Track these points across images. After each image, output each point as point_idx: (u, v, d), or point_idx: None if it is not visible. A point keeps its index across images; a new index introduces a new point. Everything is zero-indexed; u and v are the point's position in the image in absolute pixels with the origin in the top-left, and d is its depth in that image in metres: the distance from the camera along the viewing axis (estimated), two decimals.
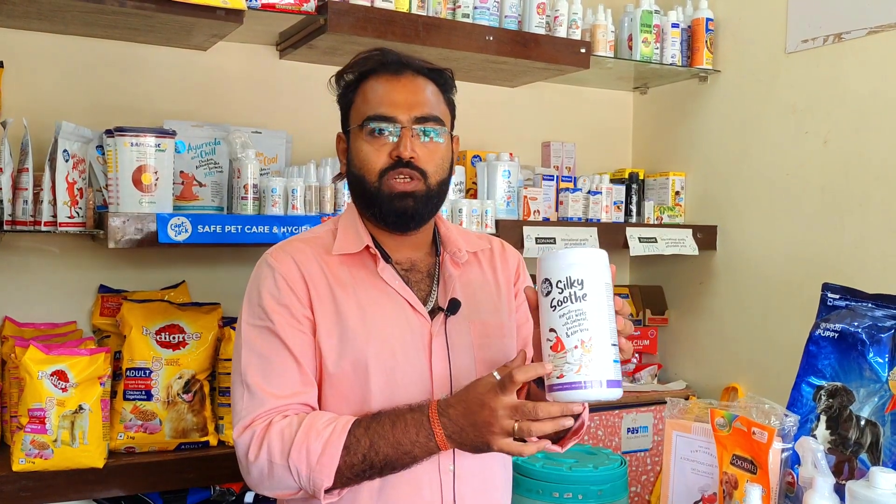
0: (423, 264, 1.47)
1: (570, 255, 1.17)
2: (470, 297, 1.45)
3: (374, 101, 1.38)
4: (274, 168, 2.28)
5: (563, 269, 1.16)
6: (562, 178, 2.71)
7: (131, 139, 1.88)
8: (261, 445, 1.28)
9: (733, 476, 1.32)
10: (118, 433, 1.96)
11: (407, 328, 1.39)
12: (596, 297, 1.15)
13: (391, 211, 1.38)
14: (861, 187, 2.28)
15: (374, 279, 1.40)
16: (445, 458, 1.37)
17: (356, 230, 1.43)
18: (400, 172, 1.36)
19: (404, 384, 1.37)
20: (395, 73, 1.40)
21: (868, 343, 1.36)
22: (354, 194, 1.43)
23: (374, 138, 1.37)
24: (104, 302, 2.18)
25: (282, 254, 1.40)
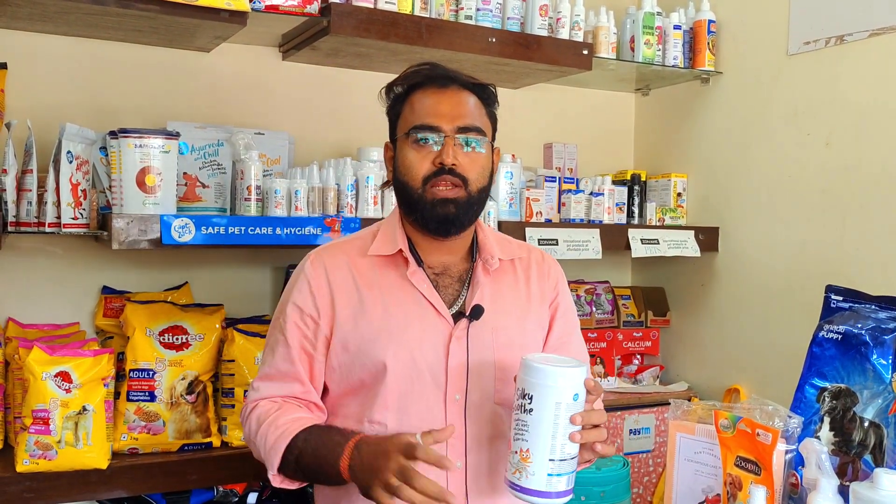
0: (455, 269, 1.52)
1: (530, 368, 1.25)
2: (498, 304, 1.50)
3: (421, 111, 1.45)
4: (277, 169, 2.28)
5: (522, 379, 1.26)
6: (564, 179, 2.71)
7: (135, 141, 1.88)
8: (246, 420, 1.47)
9: (737, 477, 1.33)
10: (121, 434, 1.97)
11: (429, 330, 1.44)
12: (541, 415, 1.23)
13: (433, 216, 1.43)
14: (862, 189, 2.29)
15: (403, 281, 1.46)
16: (454, 455, 1.40)
17: (394, 233, 1.50)
18: (443, 180, 1.43)
19: (419, 384, 1.42)
20: (441, 86, 1.47)
21: (872, 345, 1.36)
22: (399, 200, 1.50)
23: (419, 146, 1.44)
24: (107, 303, 2.18)
25: (317, 258, 1.50)
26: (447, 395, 1.43)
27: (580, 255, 2.47)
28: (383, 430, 1.41)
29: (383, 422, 1.42)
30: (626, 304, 2.98)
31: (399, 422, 1.42)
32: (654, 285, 3.05)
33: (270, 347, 1.51)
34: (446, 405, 1.43)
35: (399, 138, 1.48)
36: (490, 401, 1.46)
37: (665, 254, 2.63)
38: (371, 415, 1.43)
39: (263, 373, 1.50)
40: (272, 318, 1.55)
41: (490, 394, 1.46)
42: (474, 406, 1.45)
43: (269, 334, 1.53)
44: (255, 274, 2.39)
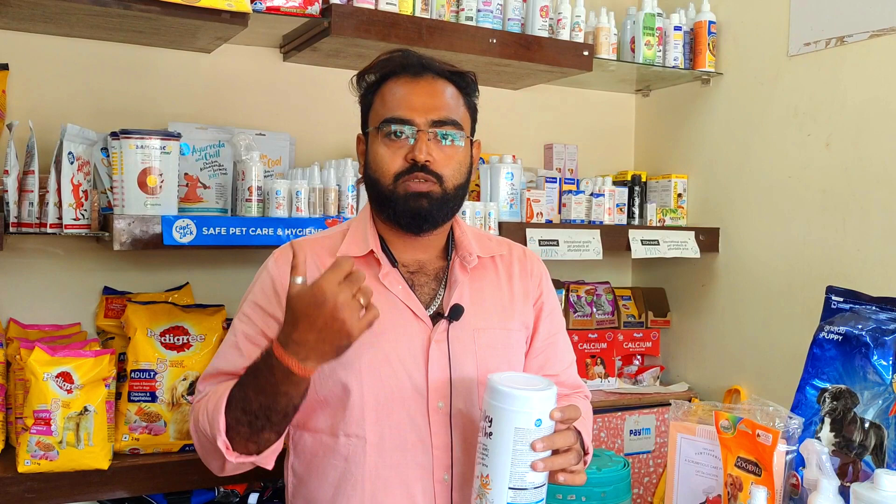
0: (431, 267, 1.45)
1: (491, 390, 1.20)
2: (478, 303, 1.43)
3: (392, 103, 1.38)
4: (278, 170, 2.29)
5: (485, 400, 1.21)
6: (564, 180, 2.71)
7: (136, 141, 1.89)
8: (189, 422, 1.45)
9: (738, 478, 1.33)
10: (123, 434, 1.97)
11: (404, 334, 1.37)
12: (500, 440, 1.18)
13: (405, 211, 1.37)
14: (863, 190, 2.29)
15: (376, 283, 1.38)
16: (440, 467, 1.36)
17: (364, 233, 1.43)
18: (415, 177, 1.36)
19: (399, 393, 1.35)
20: (414, 75, 1.39)
21: (872, 346, 1.36)
22: (371, 196, 1.44)
23: (390, 141, 1.37)
24: (108, 303, 2.18)
25: (282, 256, 1.43)
26: (429, 404, 1.36)
27: (581, 256, 2.47)
28: (362, 445, 1.34)
29: (361, 435, 1.35)
30: (626, 304, 2.98)
31: (380, 434, 1.35)
32: (655, 286, 3.05)
33: (221, 349, 1.44)
34: (429, 414, 1.36)
35: (370, 131, 1.41)
36: (475, 407, 1.39)
37: (665, 255, 2.63)
38: (347, 428, 1.35)
39: (207, 373, 1.41)
40: None
41: (474, 399, 1.39)
42: (459, 414, 1.37)
43: (231, 328, 1.45)
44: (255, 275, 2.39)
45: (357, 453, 1.36)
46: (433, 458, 1.36)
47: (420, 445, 1.36)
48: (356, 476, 1.36)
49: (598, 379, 2.79)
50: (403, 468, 1.35)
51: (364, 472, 1.35)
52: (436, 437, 1.36)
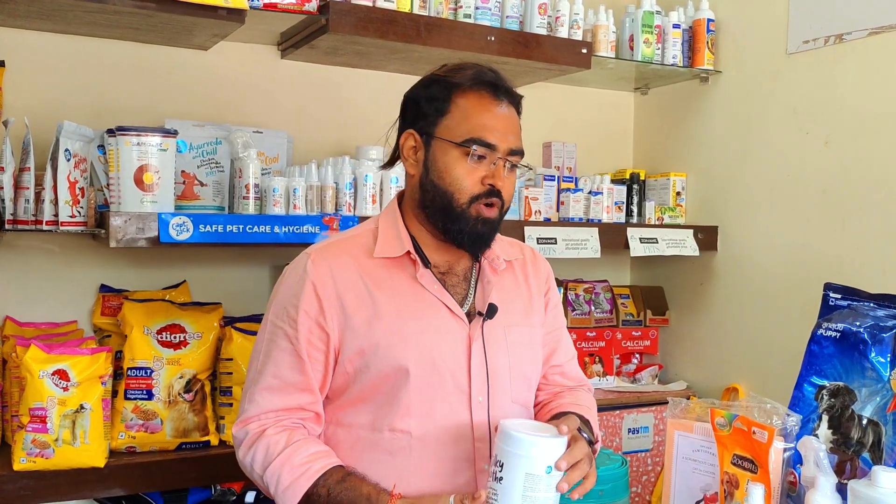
0: (460, 268, 1.50)
1: (503, 434, 1.20)
2: (505, 302, 1.48)
3: (478, 123, 1.39)
4: (275, 168, 2.28)
5: (496, 444, 1.22)
6: (563, 178, 2.71)
7: (133, 138, 1.88)
8: (249, 449, 1.38)
9: (734, 476, 1.32)
10: (119, 433, 1.96)
11: (446, 333, 1.42)
12: (511, 485, 1.18)
13: (473, 234, 1.41)
14: (861, 188, 2.28)
15: (413, 283, 1.43)
16: (480, 458, 1.41)
17: (397, 233, 1.45)
18: (491, 201, 1.41)
19: (442, 389, 1.40)
20: (496, 97, 1.42)
21: (870, 343, 1.36)
22: (429, 204, 1.43)
23: (471, 160, 1.39)
24: (105, 301, 2.18)
25: (320, 258, 1.42)
26: (472, 398, 1.42)
27: (579, 254, 2.47)
28: (407, 439, 1.38)
29: (406, 429, 1.39)
30: (624, 303, 2.97)
31: (423, 428, 1.39)
32: (653, 284, 3.05)
33: (267, 354, 1.42)
34: (471, 408, 1.42)
35: (443, 139, 1.41)
36: (509, 400, 1.47)
37: (664, 253, 2.63)
38: (392, 422, 1.39)
39: (266, 383, 1.40)
40: (264, 320, 1.47)
41: (509, 392, 1.47)
42: (497, 407, 1.43)
43: (265, 340, 1.44)
44: (253, 272, 2.39)
45: (402, 448, 1.39)
46: (475, 449, 1.40)
47: (463, 439, 1.40)
48: (402, 470, 1.38)
49: (596, 377, 2.78)
50: (447, 461, 1.40)
51: (410, 467, 1.38)
52: (477, 429, 1.41)
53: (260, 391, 1.40)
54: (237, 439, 1.42)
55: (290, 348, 1.40)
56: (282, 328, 1.41)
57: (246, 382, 1.46)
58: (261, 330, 1.47)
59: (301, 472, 1.33)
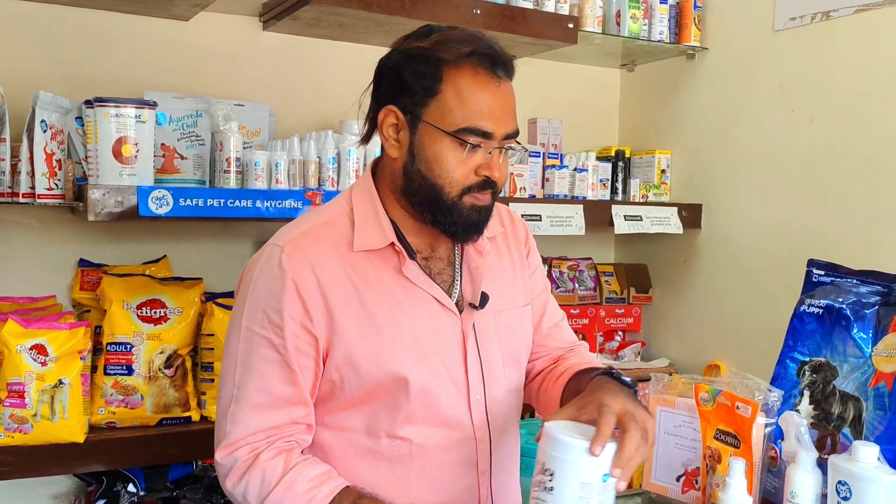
0: (443, 251, 1.38)
1: (553, 440, 1.07)
2: (491, 285, 1.38)
3: (474, 108, 1.23)
4: (257, 142, 2.25)
5: (544, 450, 1.09)
6: (548, 154, 2.69)
7: (111, 110, 1.84)
8: (241, 478, 1.24)
9: (717, 450, 1.33)
10: (99, 408, 1.94)
11: (441, 331, 1.31)
12: (562, 494, 1.06)
13: (466, 223, 1.28)
14: (846, 166, 2.29)
15: (399, 276, 1.30)
16: (483, 459, 1.35)
17: (377, 220, 1.30)
18: (485, 192, 1.28)
19: (443, 393, 1.30)
20: (494, 74, 1.26)
21: (852, 319, 1.36)
22: (415, 194, 1.29)
23: (465, 150, 1.24)
24: (84, 276, 2.15)
25: (297, 252, 1.26)
26: (470, 399, 1.33)
27: (563, 232, 2.46)
28: (408, 447, 1.29)
29: (407, 437, 1.29)
30: (608, 280, 2.98)
31: (424, 435, 1.30)
32: (637, 262, 3.05)
33: (248, 365, 1.26)
34: (471, 410, 1.33)
35: (433, 126, 1.24)
36: (504, 390, 1.39)
37: (648, 230, 2.62)
38: (391, 429, 1.28)
39: (252, 400, 1.24)
40: (233, 324, 1.30)
41: (503, 382, 1.39)
42: (494, 402, 1.36)
43: (241, 349, 1.27)
44: (234, 247, 2.36)
45: (403, 456, 1.30)
46: (477, 451, 1.34)
47: (465, 442, 1.33)
48: (402, 478, 1.30)
49: None
50: (449, 466, 1.32)
51: (411, 474, 1.30)
52: (478, 430, 1.34)
53: (245, 409, 1.25)
54: (223, 467, 1.26)
55: (277, 358, 1.25)
56: (264, 336, 1.25)
57: (221, 398, 1.29)
58: (232, 336, 1.30)
59: (307, 499, 1.21)
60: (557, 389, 1.43)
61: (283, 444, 1.26)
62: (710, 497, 1.31)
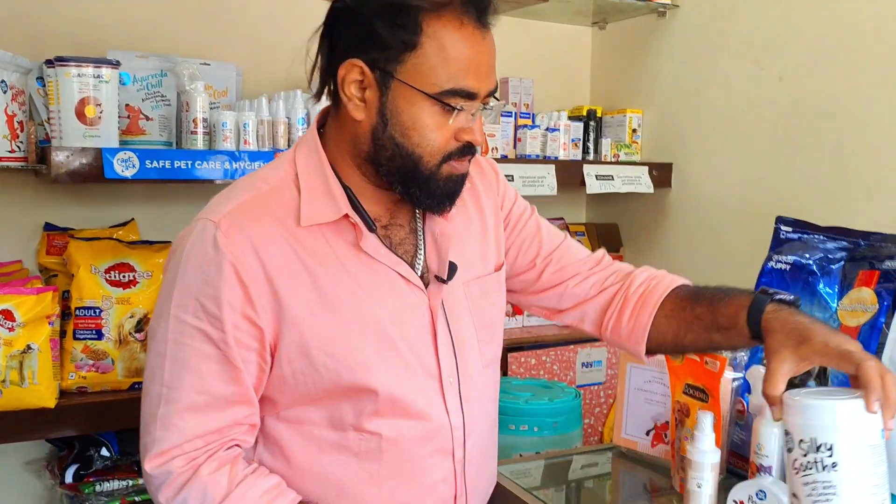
0: (403, 216, 1.22)
1: (816, 410, 0.94)
2: (460, 251, 1.24)
3: (460, 67, 1.07)
4: (224, 102, 2.21)
5: (806, 427, 0.95)
6: (520, 114, 2.68)
7: (73, 69, 1.81)
8: (177, 493, 1.08)
9: (685, 405, 1.35)
10: (69, 373, 1.93)
11: (405, 311, 1.17)
12: (851, 466, 0.92)
13: (440, 194, 1.14)
14: (813, 124, 2.30)
15: (356, 251, 1.14)
16: (459, 447, 1.22)
17: (327, 189, 1.13)
18: (464, 159, 1.14)
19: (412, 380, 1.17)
20: (481, 24, 1.10)
21: (819, 274, 1.38)
22: (384, 163, 1.12)
23: (445, 113, 1.09)
24: (50, 240, 2.11)
25: (234, 228, 1.08)
26: (443, 384, 1.19)
27: (535, 192, 2.46)
28: (377, 441, 1.15)
29: (376, 431, 1.15)
30: (580, 240, 2.98)
31: (395, 428, 1.16)
32: (608, 222, 3.07)
33: (179, 361, 1.08)
34: (444, 394, 1.19)
35: (411, 87, 1.07)
36: (480, 367, 1.26)
37: (619, 190, 2.63)
38: (357, 422, 1.15)
39: (187, 402, 1.08)
40: (159, 312, 1.12)
41: (477, 360, 1.25)
42: (468, 382, 1.23)
43: (170, 342, 1.09)
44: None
45: (372, 450, 1.16)
46: (453, 439, 1.21)
47: (440, 430, 1.20)
48: (373, 474, 1.17)
49: None
50: (425, 458, 1.19)
51: (381, 470, 1.17)
52: (453, 415, 1.21)
53: (179, 413, 1.08)
54: (154, 479, 1.09)
55: (215, 354, 1.08)
56: (198, 328, 1.08)
57: (148, 398, 1.11)
58: (158, 326, 1.11)
59: None
60: (647, 314, 1.28)
61: (224, 454, 1.11)
62: (679, 450, 1.34)
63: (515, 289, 1.40)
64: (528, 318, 2.71)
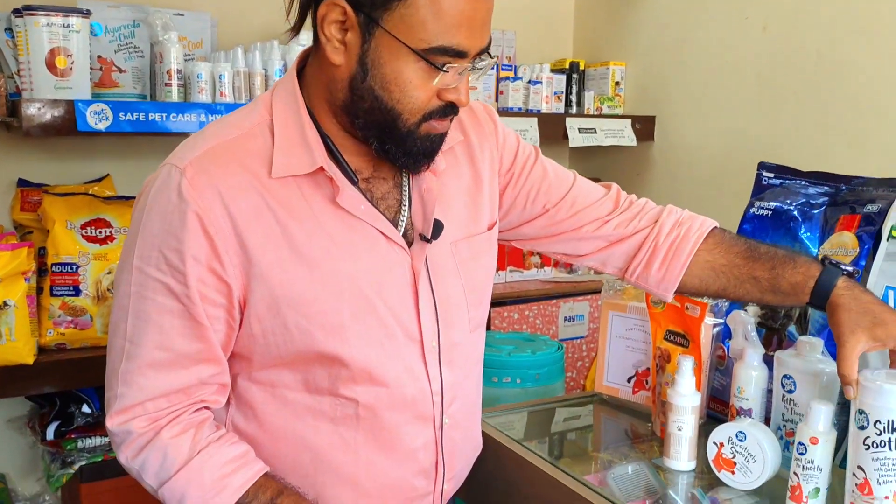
0: (387, 170, 1.13)
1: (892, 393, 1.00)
2: (448, 209, 1.17)
3: (452, 21, 0.98)
4: (199, 53, 2.16)
5: (885, 409, 1.00)
6: (502, 66, 2.65)
7: (42, 19, 1.76)
8: (137, 454, 1.05)
9: (666, 350, 1.35)
10: (47, 329, 1.91)
11: (384, 270, 1.10)
12: None
13: (419, 153, 1.07)
14: (797, 73, 2.28)
15: (334, 205, 1.07)
16: (440, 413, 1.17)
17: (303, 137, 1.06)
18: (445, 119, 1.07)
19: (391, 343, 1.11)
20: None
21: (800, 220, 1.38)
22: (361, 116, 1.05)
23: (431, 71, 1.01)
24: (24, 196, 2.07)
25: (200, 176, 1.01)
26: (425, 348, 1.13)
27: None
28: (353, 407, 1.10)
29: (352, 397, 1.10)
30: None
31: (373, 394, 1.11)
32: (591, 175, 3.03)
33: (140, 315, 1.03)
34: (425, 358, 1.14)
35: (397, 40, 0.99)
36: (465, 331, 1.20)
37: (602, 143, 2.62)
38: (333, 387, 1.09)
39: (149, 358, 1.03)
40: (123, 263, 1.06)
41: (465, 323, 1.19)
42: (452, 348, 1.17)
43: (132, 294, 1.03)
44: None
45: (348, 416, 1.11)
46: (433, 405, 1.15)
47: (420, 398, 1.14)
48: (349, 441, 1.12)
49: (534, 269, 2.80)
50: (404, 425, 1.14)
51: (358, 437, 1.12)
52: (434, 381, 1.15)
53: (141, 369, 1.03)
54: (115, 437, 1.05)
55: (178, 309, 1.02)
56: (160, 281, 1.02)
57: (112, 354, 1.06)
58: (122, 278, 1.05)
59: (215, 491, 1.03)
60: (680, 265, 1.25)
61: (189, 417, 1.06)
62: (660, 395, 1.34)
63: (529, 236, 1.33)
64: (510, 274, 2.71)
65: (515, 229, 1.32)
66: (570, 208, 1.30)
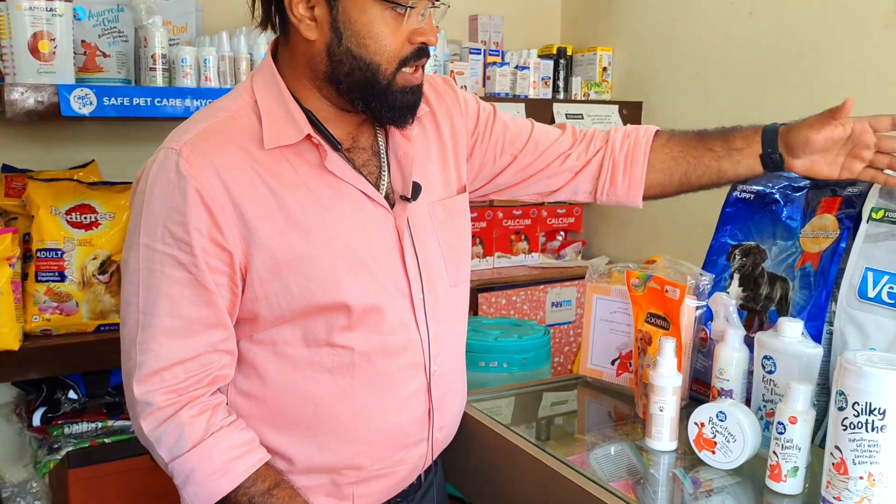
0: (365, 140, 1.23)
1: (877, 379, 1.00)
2: (423, 173, 1.26)
3: None
4: (184, 38, 2.15)
5: (864, 391, 1.01)
6: (489, 52, 2.65)
7: (24, 2, 1.74)
8: (157, 427, 1.12)
9: (647, 333, 1.36)
10: (33, 315, 1.90)
11: (372, 229, 1.19)
12: None
13: (399, 106, 1.16)
14: (782, 60, 2.29)
15: (321, 172, 1.15)
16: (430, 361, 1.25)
17: (287, 112, 1.14)
18: (419, 63, 1.15)
19: (383, 295, 1.19)
20: None
21: (782, 202, 1.39)
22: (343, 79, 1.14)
23: (399, 16, 1.10)
24: (9, 182, 2.06)
25: (196, 154, 1.09)
26: (413, 298, 1.22)
27: None
28: (349, 355, 1.18)
29: (349, 345, 1.18)
30: None
31: (368, 342, 1.18)
32: None
33: (152, 287, 1.10)
34: (414, 309, 1.22)
35: None
36: (446, 287, 1.28)
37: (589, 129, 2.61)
38: (330, 338, 1.17)
39: (162, 326, 1.10)
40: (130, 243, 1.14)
41: (444, 279, 1.28)
42: (436, 301, 1.25)
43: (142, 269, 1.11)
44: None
45: (345, 365, 1.18)
46: (423, 353, 1.23)
47: (412, 346, 1.23)
48: (345, 389, 1.19)
49: (521, 255, 2.81)
50: (397, 372, 1.22)
51: (354, 384, 1.19)
52: (423, 331, 1.23)
53: (156, 337, 1.10)
54: (137, 405, 1.12)
55: (186, 278, 1.10)
56: (168, 254, 1.10)
57: (126, 325, 1.14)
58: (130, 257, 1.13)
59: (222, 472, 1.12)
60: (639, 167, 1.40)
61: (208, 399, 1.14)
62: (642, 377, 1.35)
63: (505, 184, 1.46)
64: (498, 259, 2.72)
65: (492, 181, 1.45)
66: (534, 151, 1.43)
